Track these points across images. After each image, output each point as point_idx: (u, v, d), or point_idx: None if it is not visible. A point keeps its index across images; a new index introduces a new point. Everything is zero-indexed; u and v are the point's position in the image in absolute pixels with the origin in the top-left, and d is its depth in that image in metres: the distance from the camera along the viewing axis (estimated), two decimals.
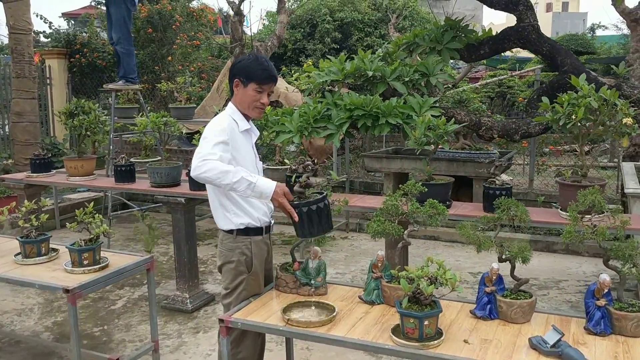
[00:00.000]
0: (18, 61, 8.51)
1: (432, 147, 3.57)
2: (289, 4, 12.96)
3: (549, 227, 5.30)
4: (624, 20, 7.97)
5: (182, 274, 4.61)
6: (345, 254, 6.04)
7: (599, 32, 21.52)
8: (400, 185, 2.88)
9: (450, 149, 6.36)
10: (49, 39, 11.56)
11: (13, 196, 5.64)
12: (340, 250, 6.08)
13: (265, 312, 2.65)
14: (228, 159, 2.59)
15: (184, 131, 8.23)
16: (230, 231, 2.79)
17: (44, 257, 3.49)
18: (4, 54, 14.08)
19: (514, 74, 14.43)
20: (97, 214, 3.44)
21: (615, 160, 10.09)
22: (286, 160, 6.42)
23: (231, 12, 8.28)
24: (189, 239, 4.55)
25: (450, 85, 7.39)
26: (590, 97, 3.18)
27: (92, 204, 3.46)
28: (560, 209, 3.41)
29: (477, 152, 6.48)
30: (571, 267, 5.40)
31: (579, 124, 3.22)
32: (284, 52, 12.46)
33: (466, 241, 2.67)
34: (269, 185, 2.56)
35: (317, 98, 4.37)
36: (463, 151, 6.49)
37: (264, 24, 14.27)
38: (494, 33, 4.83)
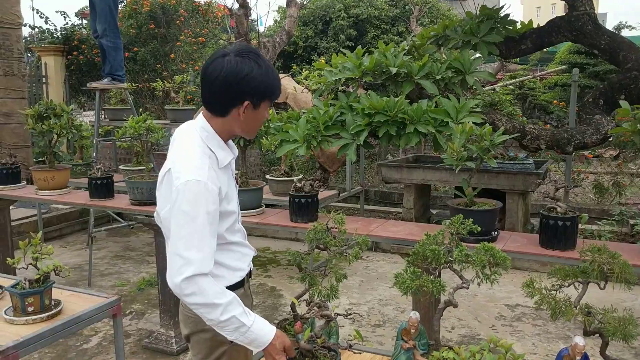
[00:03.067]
0: (6, 57, 7.85)
1: (475, 163, 2.81)
2: None
3: None
4: None
5: (167, 307, 3.88)
6: (360, 279, 5.28)
7: (624, 33, 20.59)
8: (442, 221, 2.13)
9: None
10: (44, 34, 10.92)
11: None
12: (354, 274, 5.33)
13: None
14: (213, 254, 1.83)
15: None
16: None
17: None
18: None
19: (536, 74, 13.60)
20: (49, 245, 2.72)
21: None
22: (294, 166, 5.68)
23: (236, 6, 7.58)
24: None
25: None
26: None
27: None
28: None
29: (511, 162, 5.70)
30: (626, 299, 4.60)
31: None
32: (294, 50, 11.75)
33: (534, 302, 1.91)
34: (267, 334, 1.82)
35: (329, 100, 3.64)
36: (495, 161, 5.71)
37: (275, 20, 13.55)
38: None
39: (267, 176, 4.87)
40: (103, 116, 6.23)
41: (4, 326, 2.52)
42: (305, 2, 11.78)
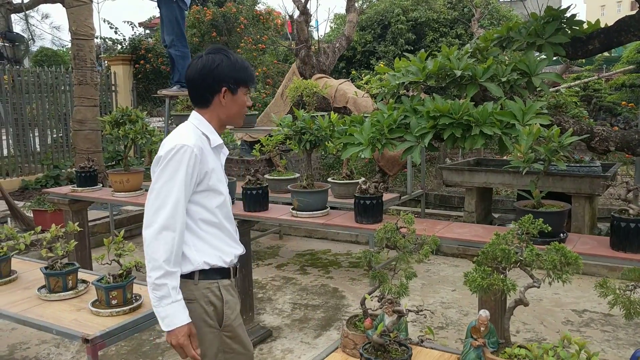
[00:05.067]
0: (80, 67, 8.27)
1: (542, 165, 2.80)
2: (359, 3, 12.33)
3: None
4: None
5: None
6: (422, 282, 5.29)
7: None
8: (512, 222, 2.15)
9: None
10: (116, 44, 11.45)
11: (61, 211, 5.25)
12: (415, 277, 5.33)
13: None
14: (184, 213, 2.05)
15: (246, 140, 7.74)
16: (190, 274, 2.12)
17: (70, 291, 2.98)
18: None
19: (601, 75, 13.15)
20: (129, 243, 2.89)
21: None
22: (354, 170, 5.75)
23: (296, 13, 7.74)
24: (243, 266, 3.95)
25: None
26: None
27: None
28: None
29: (578, 164, 5.58)
30: None
31: None
32: (353, 54, 11.83)
33: (608, 302, 1.90)
34: (180, 318, 2.00)
35: (392, 104, 3.69)
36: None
37: (331, 27, 13.69)
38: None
39: (329, 179, 4.95)
40: (170, 121, 6.49)
41: (90, 317, 2.70)
42: (364, 7, 11.88)
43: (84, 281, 3.12)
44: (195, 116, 2.20)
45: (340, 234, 6.74)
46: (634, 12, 3.90)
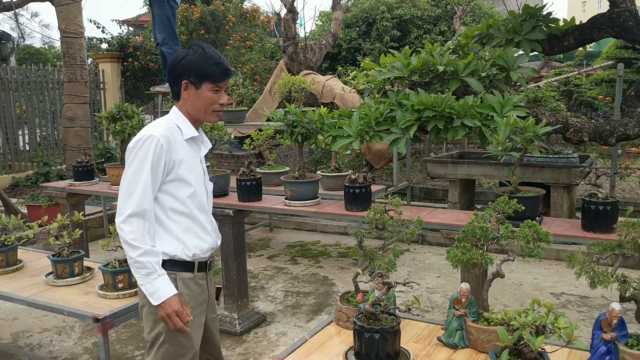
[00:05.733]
0: (70, 65, 8.38)
1: (519, 154, 3.01)
2: (344, 1, 12.52)
3: None
4: None
5: (230, 292, 4.20)
6: (408, 269, 5.51)
7: None
8: (489, 203, 2.36)
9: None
10: (103, 43, 11.53)
11: (58, 205, 5.39)
12: (402, 265, 5.56)
13: (322, 356, 2.18)
14: (152, 201, 2.13)
15: (236, 135, 7.91)
16: None
17: (77, 277, 3.15)
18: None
19: (582, 71, 13.46)
20: None
21: None
22: (341, 165, 5.94)
23: (284, 11, 7.91)
24: (237, 254, 4.13)
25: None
26: None
27: None
28: None
29: (556, 156, 5.82)
30: None
31: None
32: (338, 51, 12.03)
33: (575, 272, 2.12)
34: (169, 290, 2.11)
35: (378, 99, 3.89)
36: (539, 155, 5.84)
37: (317, 24, 13.88)
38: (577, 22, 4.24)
39: (319, 172, 5.14)
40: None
41: (98, 300, 2.87)
42: (349, 5, 12.07)
43: (88, 268, 3.29)
44: (173, 109, 2.26)
45: (329, 225, 6.94)
46: (606, 11, 4.14)
